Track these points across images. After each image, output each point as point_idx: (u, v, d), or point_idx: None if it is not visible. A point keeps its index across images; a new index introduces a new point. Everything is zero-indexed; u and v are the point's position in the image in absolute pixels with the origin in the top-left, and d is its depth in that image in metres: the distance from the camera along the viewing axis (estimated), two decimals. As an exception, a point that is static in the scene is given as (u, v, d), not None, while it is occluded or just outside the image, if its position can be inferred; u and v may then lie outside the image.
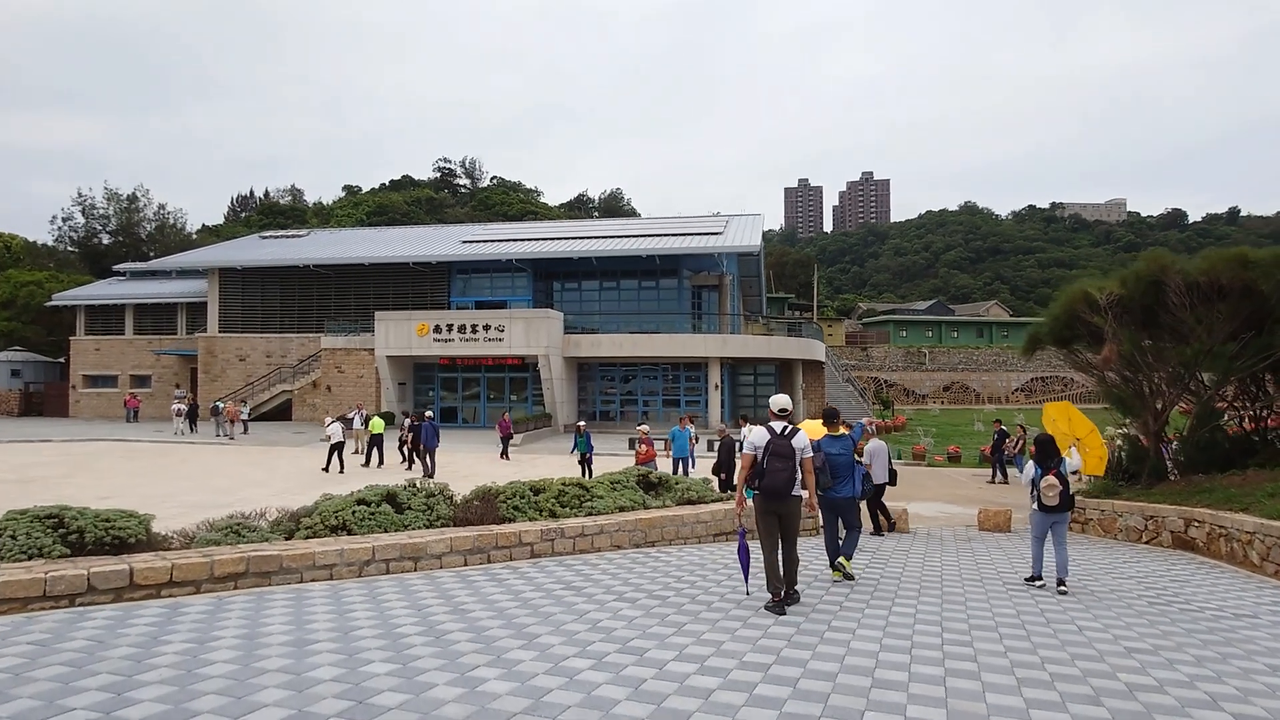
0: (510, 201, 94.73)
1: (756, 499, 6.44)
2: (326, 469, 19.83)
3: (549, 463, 22.53)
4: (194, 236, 68.16)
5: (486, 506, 9.23)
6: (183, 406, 32.32)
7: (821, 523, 8.06)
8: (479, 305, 37.70)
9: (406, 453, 22.18)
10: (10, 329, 45.85)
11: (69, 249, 59.25)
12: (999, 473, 20.20)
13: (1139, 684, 4.54)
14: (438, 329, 32.17)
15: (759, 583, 6.95)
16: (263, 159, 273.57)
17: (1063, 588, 7.47)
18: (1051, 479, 7.72)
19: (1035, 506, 7.94)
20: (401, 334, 32.35)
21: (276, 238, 46.55)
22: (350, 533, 8.01)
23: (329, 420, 21.20)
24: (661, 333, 35.17)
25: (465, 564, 7.80)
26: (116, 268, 46.90)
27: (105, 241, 58.07)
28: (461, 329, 32.07)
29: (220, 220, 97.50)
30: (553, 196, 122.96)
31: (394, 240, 43.16)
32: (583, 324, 37.06)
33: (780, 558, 6.35)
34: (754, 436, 6.48)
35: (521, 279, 38.50)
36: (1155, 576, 8.62)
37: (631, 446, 27.87)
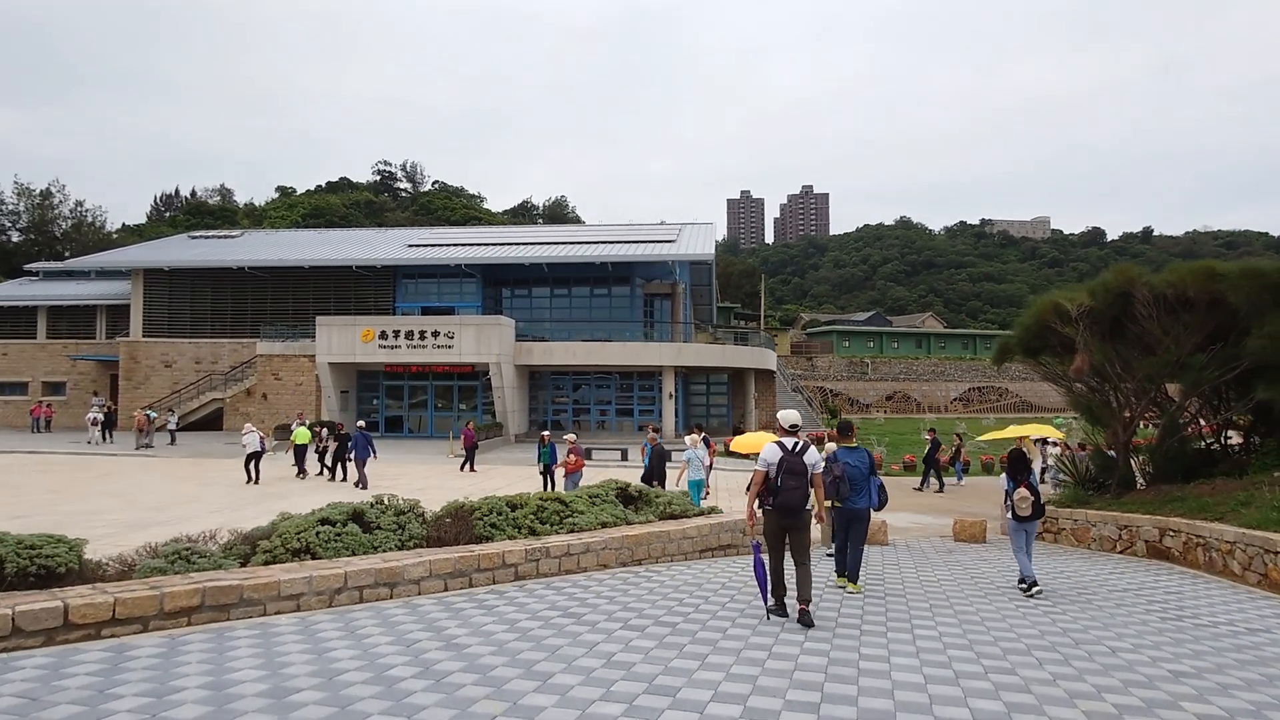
0: (453, 206, 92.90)
1: (769, 514, 6.47)
2: (255, 481, 18.76)
3: (505, 474, 21.76)
4: (114, 236, 64.42)
5: (461, 524, 8.57)
6: (99, 415, 30.32)
7: (832, 533, 8.19)
8: (425, 311, 36.52)
9: (327, 463, 20.90)
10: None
11: (-27, 246, 55.18)
12: (930, 479, 20.18)
13: (1210, 716, 4.26)
14: (384, 335, 30.95)
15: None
16: (189, 158, 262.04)
17: (1025, 588, 8.01)
18: (1023, 490, 8.15)
19: (1010, 517, 8.35)
20: (345, 340, 30.99)
21: (207, 238, 44.31)
22: (315, 556, 7.25)
23: (246, 429, 19.95)
24: (614, 341, 34.69)
25: (445, 589, 7.13)
26: (28, 267, 43.82)
27: (15, 239, 54.30)
28: (409, 335, 30.91)
29: (143, 220, 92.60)
30: (496, 203, 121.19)
31: (335, 242, 41.56)
32: (533, 331, 36.30)
33: (795, 573, 6.42)
34: (766, 453, 6.47)
35: (470, 285, 37.51)
36: (1148, 588, 8.55)
37: (588, 457, 27.29)
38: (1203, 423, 13.03)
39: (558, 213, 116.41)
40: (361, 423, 20.65)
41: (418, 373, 33.91)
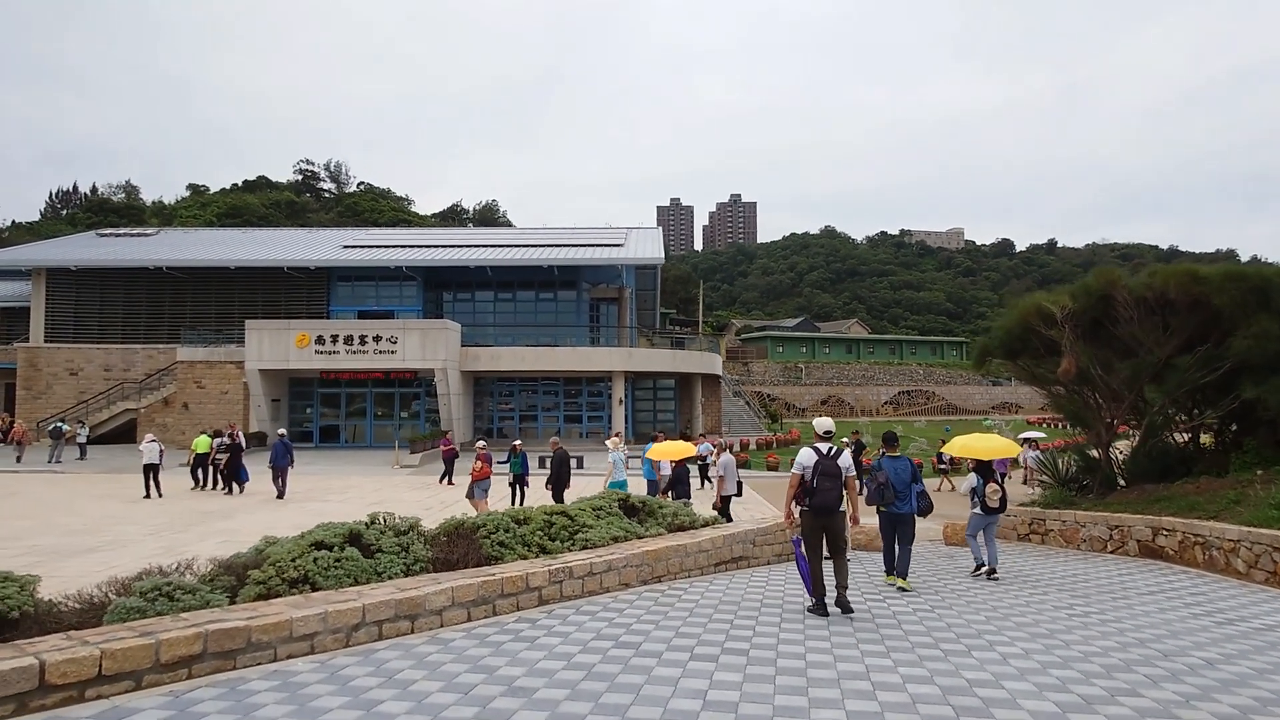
0: (381, 209, 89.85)
1: (805, 515, 6.96)
2: (151, 494, 17.75)
3: (462, 485, 20.67)
4: (4, 235, 59.25)
5: (467, 544, 7.78)
6: None
7: (879, 535, 8.74)
8: (362, 315, 34.81)
9: (214, 475, 19.68)
10: None
11: None
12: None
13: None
14: (320, 340, 29.23)
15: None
16: (85, 151, 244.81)
17: (995, 575, 8.87)
18: (993, 485, 9.06)
19: (978, 510, 9.19)
20: (278, 345, 29.11)
21: (119, 235, 41.14)
22: (315, 586, 6.36)
23: (147, 438, 18.87)
24: (560, 345, 33.89)
25: (469, 618, 6.36)
26: (-92, 265, 39.54)
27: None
28: (348, 340, 29.30)
29: (36, 217, 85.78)
30: (424, 206, 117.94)
31: (262, 242, 39.25)
32: (476, 336, 35.07)
33: (832, 567, 6.97)
34: (802, 457, 6.95)
35: (410, 288, 36.01)
36: (1169, 590, 8.51)
37: (542, 466, 26.36)
38: (1181, 425, 13.30)
39: (489, 216, 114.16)
40: (282, 430, 19.70)
41: (356, 380, 32.25)
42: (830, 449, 6.89)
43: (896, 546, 8.30)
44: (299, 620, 5.32)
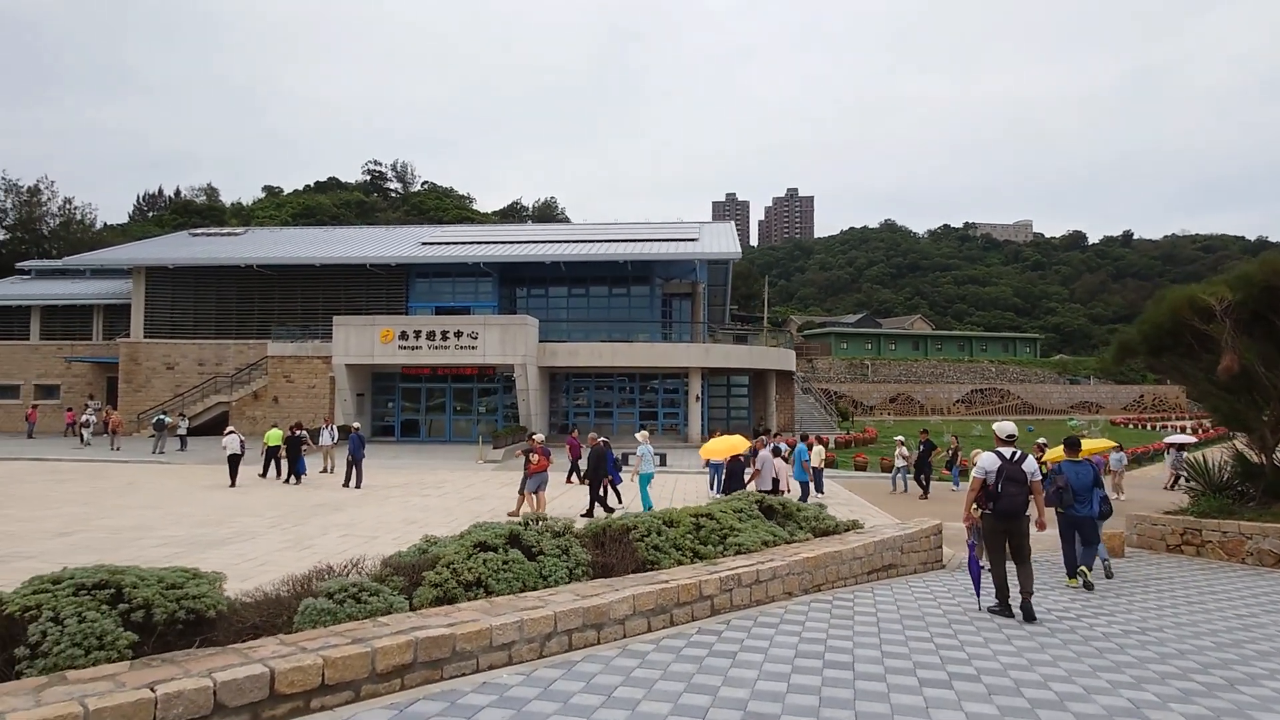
0: (444, 207, 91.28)
1: (988, 520, 6.95)
2: (233, 483, 18.54)
3: (553, 481, 20.54)
4: (101, 235, 62.14)
5: (621, 547, 7.47)
6: (91, 418, 29.25)
7: (1059, 537, 8.66)
8: (439, 311, 35.20)
9: (278, 467, 20.11)
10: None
11: (-46, 244, 52.78)
12: (922, 486, 19.12)
13: None
14: (404, 335, 29.61)
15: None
16: (165, 157, 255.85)
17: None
18: (1098, 492, 8.70)
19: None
20: (363, 340, 29.61)
21: (209, 235, 42.54)
22: (488, 590, 6.12)
23: (228, 430, 19.66)
24: (634, 341, 33.61)
25: (649, 628, 6.04)
26: (20, 265, 41.75)
27: (1, 237, 52.00)
28: (430, 336, 29.60)
29: (124, 219, 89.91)
30: (484, 204, 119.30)
31: (344, 240, 40.06)
32: (550, 332, 35.09)
33: (1017, 574, 6.90)
34: (984, 461, 6.97)
35: (486, 284, 36.24)
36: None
37: (625, 463, 26.13)
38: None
39: (547, 214, 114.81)
40: (356, 424, 20.51)
41: (436, 375, 32.60)
42: (1014, 454, 6.85)
43: (1078, 549, 8.40)
44: (498, 629, 5.06)
